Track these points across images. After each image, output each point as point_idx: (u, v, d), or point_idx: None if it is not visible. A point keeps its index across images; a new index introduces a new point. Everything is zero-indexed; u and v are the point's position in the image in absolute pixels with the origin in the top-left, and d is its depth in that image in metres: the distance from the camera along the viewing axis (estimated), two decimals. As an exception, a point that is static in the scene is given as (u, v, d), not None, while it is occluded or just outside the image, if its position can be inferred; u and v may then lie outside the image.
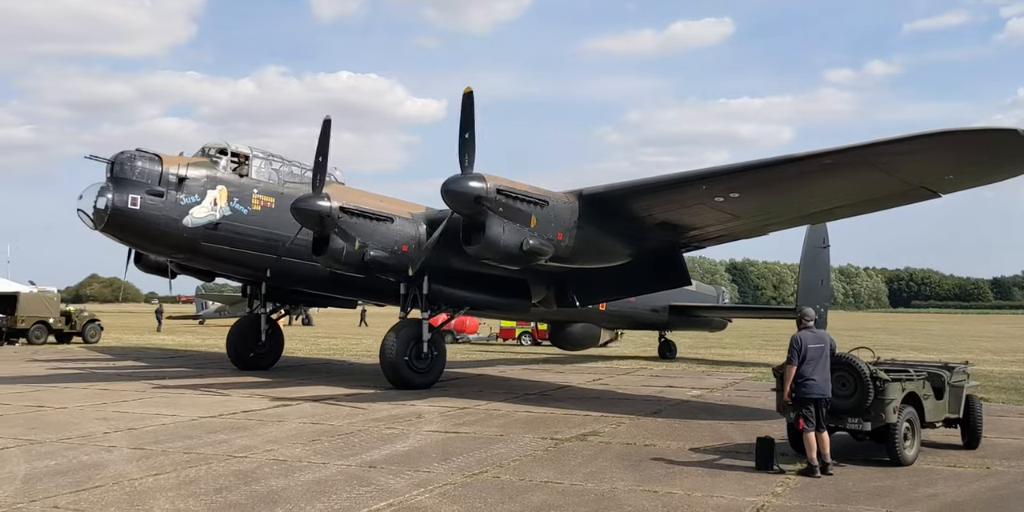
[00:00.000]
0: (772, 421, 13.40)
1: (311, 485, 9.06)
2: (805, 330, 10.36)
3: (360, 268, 18.13)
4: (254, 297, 24.20)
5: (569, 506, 8.28)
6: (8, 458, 10.34)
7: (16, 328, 34.85)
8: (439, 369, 19.26)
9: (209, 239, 19.54)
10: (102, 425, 13.10)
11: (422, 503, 8.33)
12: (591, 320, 26.68)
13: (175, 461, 10.29)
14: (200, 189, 19.38)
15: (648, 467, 10.29)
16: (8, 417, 13.89)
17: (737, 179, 15.07)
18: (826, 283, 25.60)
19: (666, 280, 19.60)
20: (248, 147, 20.73)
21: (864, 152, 13.53)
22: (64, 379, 20.39)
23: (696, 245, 19.23)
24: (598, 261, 17.68)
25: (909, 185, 14.54)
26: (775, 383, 11.19)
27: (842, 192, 15.44)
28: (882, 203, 16.05)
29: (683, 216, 16.72)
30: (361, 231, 17.84)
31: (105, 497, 8.38)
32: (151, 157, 19.07)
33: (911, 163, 13.65)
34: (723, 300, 31.78)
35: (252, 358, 23.77)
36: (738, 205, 16.02)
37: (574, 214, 16.34)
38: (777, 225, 17.86)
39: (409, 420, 14.11)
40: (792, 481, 9.61)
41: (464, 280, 19.14)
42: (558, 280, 20.32)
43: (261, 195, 20.16)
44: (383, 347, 18.77)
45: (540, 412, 15.38)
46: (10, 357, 27.79)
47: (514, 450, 11.34)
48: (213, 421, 13.69)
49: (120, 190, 18.51)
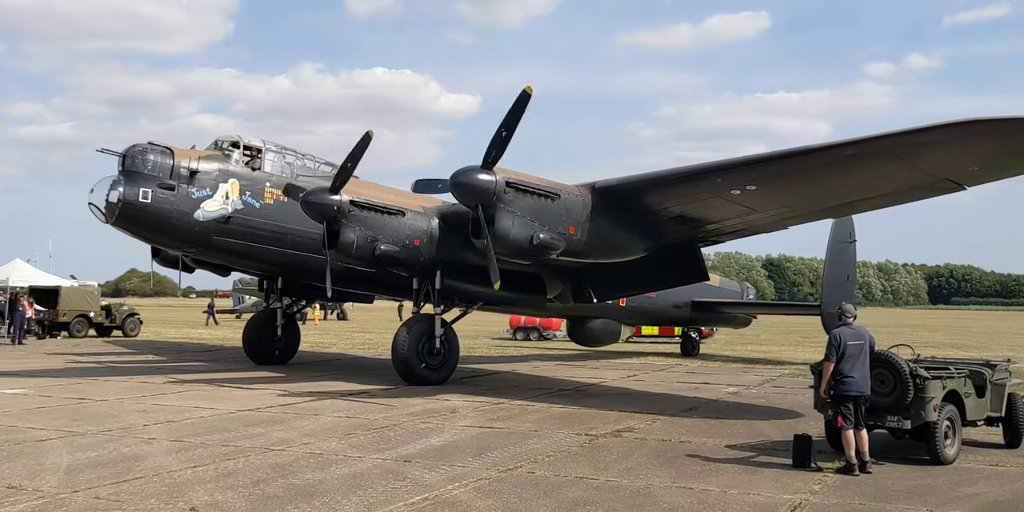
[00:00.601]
0: (809, 418, 13.29)
1: (347, 478, 9.12)
2: (844, 326, 10.25)
3: (371, 262, 17.91)
4: (270, 291, 24.02)
5: (604, 502, 8.25)
6: (51, 449, 10.51)
7: (58, 322, 35.43)
8: (452, 365, 19.02)
9: (221, 233, 19.41)
10: (142, 417, 13.28)
11: (457, 497, 8.35)
12: (611, 316, 26.22)
13: (213, 454, 10.40)
14: (212, 183, 19.25)
15: (683, 464, 10.24)
16: (51, 409, 14.13)
17: (753, 171, 14.68)
18: (852, 279, 25.11)
19: (684, 275, 19.21)
20: (261, 140, 20.55)
21: (885, 142, 13.10)
22: (104, 372, 20.69)
23: (714, 239, 18.72)
24: (612, 256, 17.35)
25: (932, 177, 14.07)
26: (812, 380, 11.09)
27: (863, 184, 14.98)
28: (906, 196, 15.51)
29: (699, 209, 16.36)
30: (372, 225, 17.57)
31: (145, 488, 8.49)
32: (163, 150, 18.99)
33: (934, 154, 13.20)
34: (747, 296, 31.16)
35: (268, 353, 23.63)
36: (756, 198, 15.61)
37: (586, 208, 16.02)
38: (797, 219, 17.31)
39: (443, 415, 14.15)
40: (830, 479, 9.51)
41: (477, 275, 18.41)
42: (575, 275, 19.95)
43: (274, 188, 19.92)
44: (395, 343, 18.55)
45: (574, 408, 15.35)
46: (52, 350, 28.26)
47: (548, 446, 11.34)
48: (250, 414, 13.83)
49: (131, 184, 18.45)
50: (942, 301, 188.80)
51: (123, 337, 36.37)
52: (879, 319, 72.19)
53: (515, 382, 19.96)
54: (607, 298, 21.03)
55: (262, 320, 24.18)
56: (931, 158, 13.34)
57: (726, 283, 30.89)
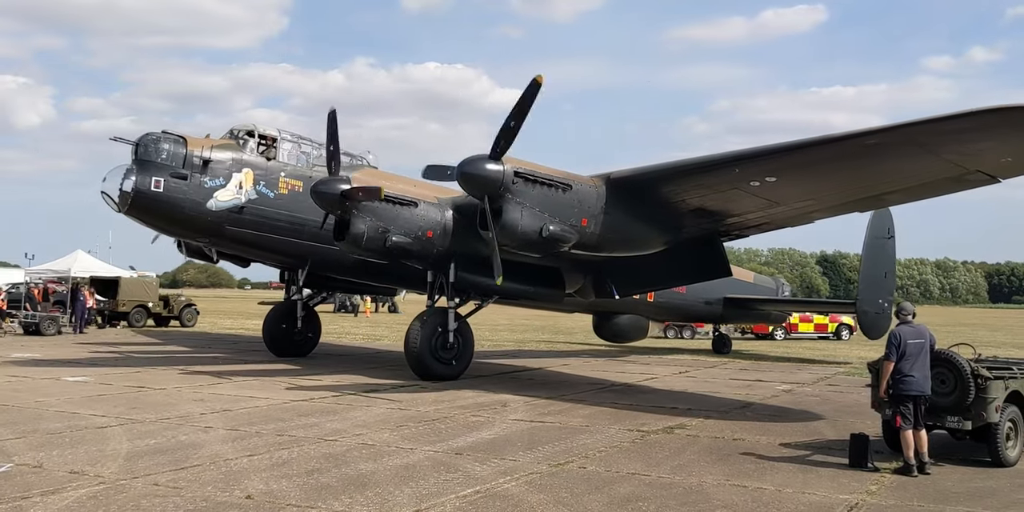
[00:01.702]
0: (866, 418, 13.06)
1: (399, 470, 9.18)
2: (903, 325, 10.04)
3: (382, 254, 17.53)
4: (291, 283, 23.70)
5: (656, 498, 8.20)
6: (111, 436, 10.74)
7: (117, 312, 36.23)
8: (467, 359, 18.52)
9: (234, 223, 19.07)
10: (199, 406, 13.52)
11: (508, 491, 8.36)
12: (638, 312, 25.64)
13: (268, 442, 10.55)
14: (225, 172, 18.91)
15: (737, 461, 10.13)
16: (111, 397, 14.45)
17: (771, 162, 14.12)
18: (890, 276, 24.45)
19: (706, 270, 18.66)
20: (277, 129, 20.20)
21: (907, 131, 12.48)
22: (162, 361, 21.11)
23: (737, 233, 18.26)
24: (629, 249, 16.84)
25: (963, 169, 13.38)
26: (870, 379, 10.89)
27: (889, 176, 14.32)
28: (936, 188, 14.71)
29: (718, 202, 15.83)
30: (383, 215, 17.15)
31: (202, 476, 8.64)
32: (176, 139, 18.71)
33: (961, 144, 12.53)
34: (783, 293, 30.39)
35: (289, 344, 23.38)
36: (776, 190, 15.07)
37: (600, 199, 15.55)
38: (823, 212, 16.67)
39: (494, 408, 14.18)
40: (887, 480, 9.34)
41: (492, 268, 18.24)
42: (595, 269, 19.43)
43: (289, 178, 19.57)
44: (407, 337, 18.10)
45: (625, 403, 15.28)
46: (111, 339, 28.90)
47: (600, 441, 11.30)
48: (304, 405, 14.00)
49: (143, 172, 18.20)
50: (1003, 300, 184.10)
51: (180, 327, 37.07)
52: (938, 317, 70.74)
53: (566, 377, 19.92)
54: (629, 293, 20.54)
55: (283, 312, 23.86)
56: (958, 148, 12.69)
57: (760, 279, 30.19)
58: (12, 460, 9.13)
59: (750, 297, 27.76)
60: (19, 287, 36.33)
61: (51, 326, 30.60)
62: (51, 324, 30.71)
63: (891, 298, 24.99)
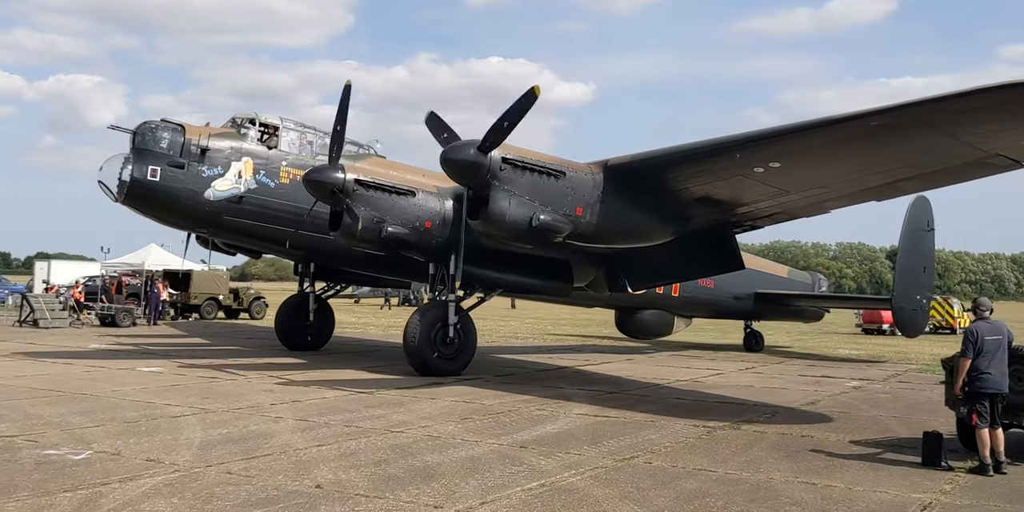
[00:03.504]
0: (939, 415, 12.73)
1: (464, 462, 9.24)
2: (981, 321, 9.77)
3: (378, 245, 17.03)
4: (304, 276, 23.30)
5: (723, 495, 8.12)
6: (185, 425, 11.01)
7: (189, 304, 37.13)
8: (468, 354, 17.75)
9: (232, 213, 18.56)
10: (268, 397, 13.77)
11: (574, 485, 8.36)
12: (663, 307, 24.76)
13: (336, 433, 10.71)
14: (224, 161, 18.43)
15: (806, 458, 9.98)
16: (184, 387, 14.80)
17: (774, 146, 13.41)
18: (929, 270, 23.59)
19: (719, 263, 17.97)
20: (279, 118, 19.65)
21: (916, 111, 11.67)
22: (233, 353, 21.55)
23: (750, 225, 17.48)
24: (632, 240, 16.21)
25: (981, 152, 12.43)
26: (943, 376, 10.62)
27: (903, 161, 13.45)
28: (955, 174, 13.78)
29: (723, 190, 15.14)
30: (378, 205, 16.65)
31: (273, 465, 8.81)
32: (174, 128, 18.32)
33: (976, 125, 11.62)
34: (820, 288, 29.37)
35: (301, 338, 22.89)
36: (783, 177, 14.37)
37: (597, 187, 14.94)
38: (836, 201, 15.85)
39: (558, 402, 14.18)
40: (962, 479, 9.12)
41: (496, 260, 17.62)
42: (607, 262, 18.65)
43: (291, 168, 18.94)
44: (406, 331, 17.38)
45: (691, 398, 15.15)
46: (184, 331, 29.61)
47: (665, 436, 11.23)
48: (370, 397, 14.16)
49: (140, 161, 17.82)
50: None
51: (250, 319, 37.80)
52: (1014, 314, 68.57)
53: (630, 371, 19.82)
54: (642, 287, 19.76)
55: (295, 305, 23.38)
56: (974, 129, 11.80)
57: (795, 274, 29.34)
58: (91, 447, 9.42)
59: (782, 292, 26.84)
60: (95, 280, 37.46)
61: (126, 318, 31.47)
62: (126, 316, 31.58)
63: (929, 294, 24.20)
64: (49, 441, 9.72)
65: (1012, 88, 10.54)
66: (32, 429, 10.45)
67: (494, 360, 21.59)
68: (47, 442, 9.65)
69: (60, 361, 18.49)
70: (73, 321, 31.50)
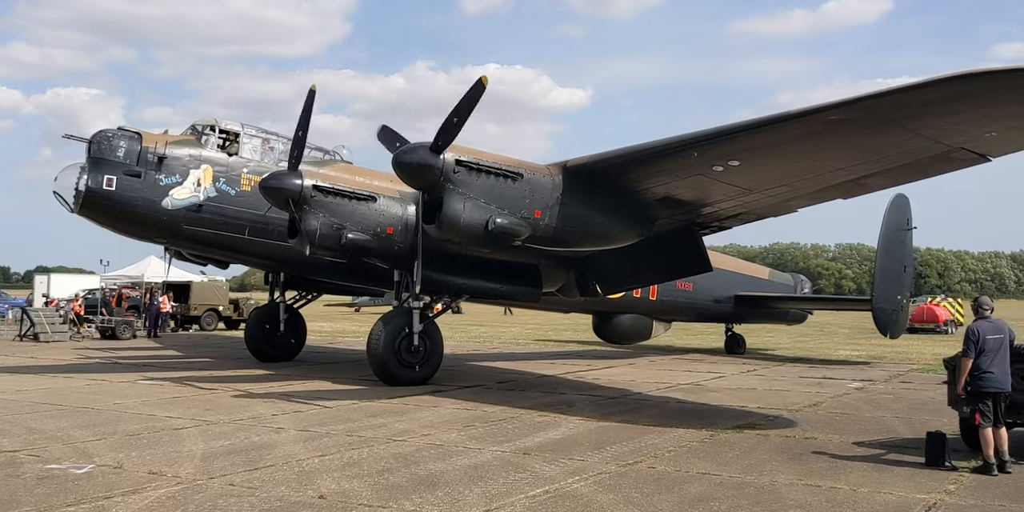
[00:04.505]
0: (942, 415, 12.72)
1: (468, 469, 9.22)
2: (982, 320, 9.76)
3: (338, 252, 16.69)
4: (274, 285, 22.89)
5: (728, 498, 8.10)
6: (187, 437, 10.99)
7: (189, 315, 37.08)
8: (434, 363, 17.21)
9: (192, 222, 18.17)
10: (270, 407, 13.75)
11: (578, 491, 8.34)
12: (641, 311, 24.22)
13: (339, 443, 10.68)
14: (182, 169, 18.03)
15: (809, 460, 9.96)
16: (185, 398, 14.77)
17: (730, 143, 13.09)
18: (910, 270, 23.32)
19: (688, 265, 17.66)
20: (240, 124, 19.22)
21: (871, 105, 11.37)
22: (234, 364, 21.51)
23: (718, 225, 17.17)
24: (595, 243, 15.80)
25: (944, 146, 12.19)
26: (945, 375, 10.62)
27: (864, 156, 13.12)
28: (920, 170, 13.49)
29: (685, 190, 14.85)
30: (337, 211, 16.33)
31: (276, 476, 8.79)
32: (131, 136, 17.93)
33: (937, 118, 11.34)
34: (802, 290, 28.95)
35: (272, 349, 22.40)
36: (743, 175, 14.09)
37: (556, 189, 14.57)
38: (801, 199, 15.56)
39: (560, 408, 14.16)
40: (966, 479, 9.10)
41: (461, 265, 17.22)
42: (576, 266, 18.32)
43: (252, 175, 18.41)
44: (369, 340, 16.89)
45: (693, 402, 15.13)
46: (184, 342, 29.58)
47: (668, 440, 11.21)
48: (371, 405, 14.14)
49: (96, 171, 17.44)
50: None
51: (250, 330, 37.69)
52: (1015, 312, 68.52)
53: (632, 376, 19.80)
54: (613, 291, 19.48)
55: (266, 315, 22.89)
56: (933, 123, 11.51)
57: (776, 276, 29.01)
58: (94, 461, 9.40)
59: (762, 294, 26.50)
60: (95, 293, 37.45)
61: (126, 330, 31.45)
62: (126, 328, 31.56)
63: (909, 294, 23.91)
64: (51, 455, 9.70)
65: (964, 79, 10.34)
66: (34, 443, 10.43)
67: (495, 367, 21.58)
68: (49, 456, 9.64)
69: (61, 375, 18.46)
70: (73, 334, 31.47)
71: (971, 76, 10.25)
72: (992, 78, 10.22)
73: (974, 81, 10.35)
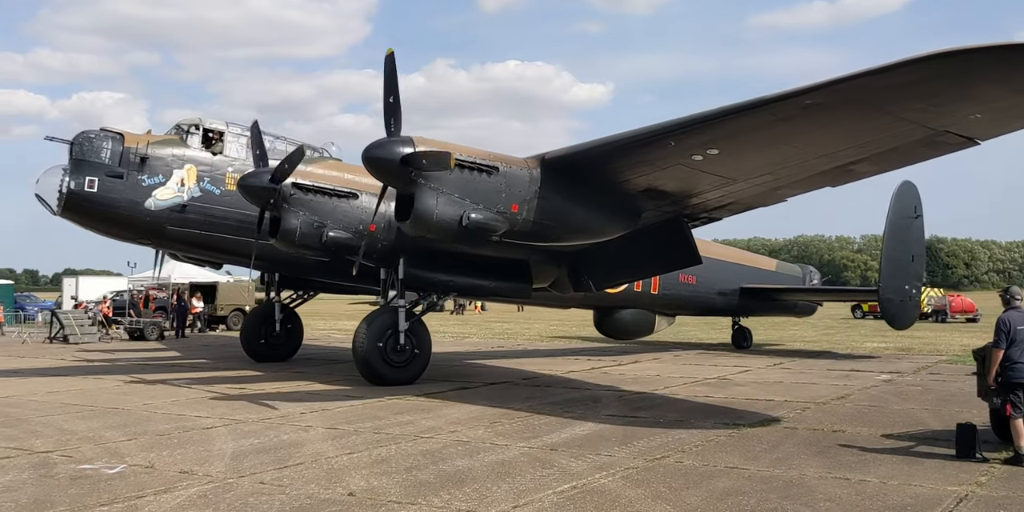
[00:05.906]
0: (972, 407, 12.61)
1: (495, 466, 9.25)
2: (1012, 310, 9.65)
3: (320, 250, 16.59)
4: (269, 284, 22.81)
5: (756, 492, 8.08)
6: (217, 436, 11.09)
7: (216, 316, 37.38)
8: (421, 363, 16.85)
9: (176, 223, 17.97)
10: (298, 406, 13.84)
11: (605, 486, 8.34)
12: (643, 306, 23.51)
13: (367, 440, 10.74)
14: (165, 169, 17.85)
15: (838, 453, 9.91)
16: (214, 398, 14.87)
17: (706, 131, 12.71)
18: (918, 259, 22.79)
19: (678, 258, 17.30)
20: (224, 123, 19.05)
21: (845, 87, 10.95)
22: (261, 365, 21.63)
23: (707, 217, 16.81)
24: (578, 237, 15.40)
25: (928, 129, 11.74)
26: (974, 366, 10.52)
27: (846, 142, 12.71)
28: (908, 155, 13.07)
29: (666, 181, 14.48)
30: (317, 209, 16.30)
31: (305, 474, 8.85)
32: (113, 136, 17.77)
33: (918, 100, 10.94)
34: (811, 281, 28.21)
35: (268, 349, 22.21)
36: (724, 164, 13.74)
37: (534, 183, 14.20)
38: (789, 188, 15.14)
39: (586, 404, 14.16)
40: (997, 470, 9.02)
41: (446, 262, 16.89)
42: (567, 262, 17.98)
43: (237, 174, 17.97)
44: (354, 339, 16.53)
45: (720, 396, 15.08)
46: (211, 342, 29.82)
47: (695, 435, 11.18)
48: (398, 403, 14.21)
49: (77, 172, 17.31)
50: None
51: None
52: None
53: (658, 371, 19.77)
54: (606, 286, 18.96)
55: (262, 315, 22.80)
56: (914, 105, 11.09)
57: (784, 267, 28.26)
58: (125, 461, 9.50)
59: (768, 286, 25.82)
60: (123, 295, 37.80)
61: (154, 331, 31.79)
62: (154, 329, 31.89)
63: (919, 284, 23.34)
64: (84, 456, 9.82)
65: (940, 58, 9.89)
66: (66, 444, 10.56)
67: (521, 363, 21.60)
68: (82, 457, 9.76)
69: (91, 376, 18.67)
70: (102, 336, 31.82)
71: (942, 55, 9.84)
72: (965, 57, 9.78)
73: (948, 61, 9.92)
